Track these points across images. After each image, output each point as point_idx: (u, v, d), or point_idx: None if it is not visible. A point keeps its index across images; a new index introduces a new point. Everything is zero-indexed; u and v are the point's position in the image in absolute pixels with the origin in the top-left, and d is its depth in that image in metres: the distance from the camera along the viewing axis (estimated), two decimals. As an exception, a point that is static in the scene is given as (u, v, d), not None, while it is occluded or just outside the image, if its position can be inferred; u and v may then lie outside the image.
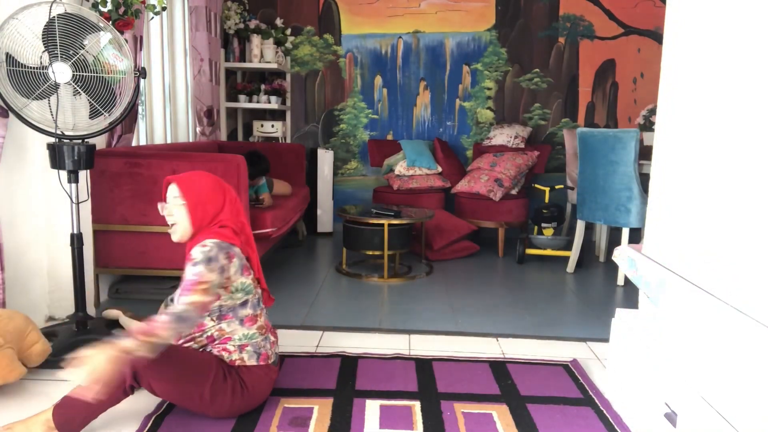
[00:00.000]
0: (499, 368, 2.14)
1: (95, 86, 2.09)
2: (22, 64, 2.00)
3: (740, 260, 1.74)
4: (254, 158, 2.82)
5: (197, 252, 1.61)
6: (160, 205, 1.77)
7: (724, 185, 2.15)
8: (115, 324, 2.45)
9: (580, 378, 2.07)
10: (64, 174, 2.25)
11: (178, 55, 4.10)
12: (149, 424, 1.66)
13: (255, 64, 4.73)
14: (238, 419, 1.71)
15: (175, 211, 1.73)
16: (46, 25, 2.00)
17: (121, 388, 1.57)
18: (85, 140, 2.17)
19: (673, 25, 2.28)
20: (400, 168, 4.63)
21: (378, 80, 5.07)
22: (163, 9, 2.77)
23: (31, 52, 2.02)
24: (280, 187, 3.85)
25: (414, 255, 4.08)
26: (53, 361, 1.99)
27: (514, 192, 4.40)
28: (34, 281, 2.52)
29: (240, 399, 1.68)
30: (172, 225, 1.75)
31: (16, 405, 1.80)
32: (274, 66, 4.70)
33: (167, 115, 4.00)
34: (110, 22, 2.46)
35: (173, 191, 1.74)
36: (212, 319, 1.71)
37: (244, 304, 1.73)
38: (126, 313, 2.35)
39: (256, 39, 4.73)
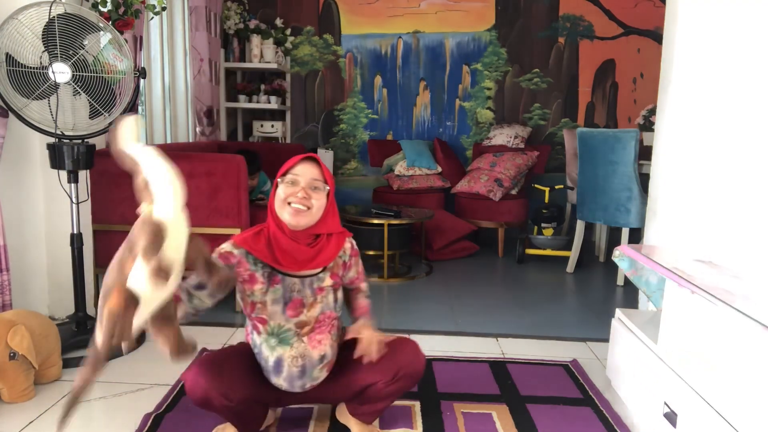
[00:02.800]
0: (499, 368, 2.14)
1: (95, 86, 2.09)
2: (22, 64, 2.00)
3: (740, 260, 1.74)
4: (245, 156, 2.83)
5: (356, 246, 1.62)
6: (286, 187, 1.45)
7: (723, 185, 2.15)
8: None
9: (579, 378, 2.07)
10: (64, 174, 2.25)
11: (178, 55, 4.10)
12: (149, 423, 1.66)
13: (255, 64, 4.73)
14: (238, 419, 1.71)
15: (315, 196, 1.46)
16: (46, 25, 2.00)
17: None
18: (85, 140, 2.17)
19: (672, 25, 2.28)
20: (400, 168, 4.63)
21: (378, 80, 5.07)
22: (163, 9, 2.77)
23: (31, 52, 2.02)
24: None
25: (414, 255, 4.08)
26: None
27: (513, 192, 4.40)
28: (34, 281, 2.52)
29: None
30: (305, 210, 1.44)
31: (16, 405, 1.80)
32: (274, 66, 4.71)
33: (167, 115, 4.00)
34: (110, 22, 2.46)
35: (313, 172, 1.47)
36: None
37: None
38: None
39: (256, 39, 4.73)
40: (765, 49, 2.02)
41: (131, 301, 1.02)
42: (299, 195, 1.44)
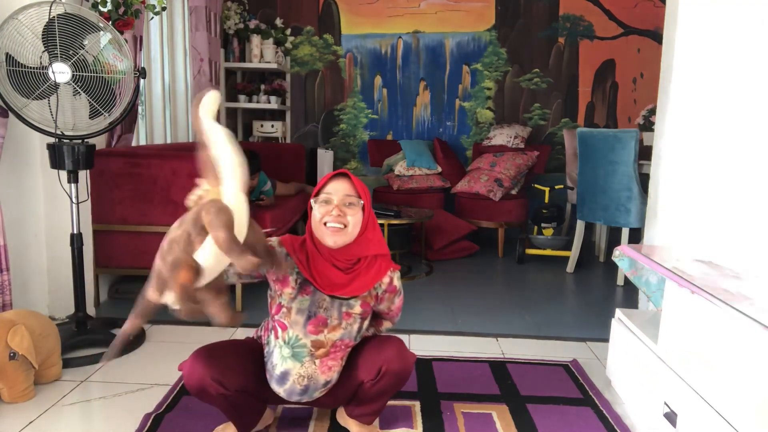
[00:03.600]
0: (499, 368, 2.14)
1: (95, 86, 2.09)
2: (22, 64, 2.00)
3: (740, 260, 1.74)
4: (246, 156, 2.83)
5: (399, 282, 1.58)
6: (320, 207, 1.44)
7: (723, 185, 2.15)
8: (113, 323, 2.45)
9: (579, 378, 2.07)
10: (63, 174, 2.25)
11: (177, 55, 4.10)
12: (149, 423, 1.66)
13: (255, 64, 4.73)
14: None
15: (350, 212, 1.44)
16: (46, 25, 2.00)
17: None
18: (85, 140, 2.17)
19: (672, 25, 2.28)
20: (400, 168, 4.63)
21: (378, 80, 5.07)
22: (163, 9, 2.77)
23: (31, 52, 2.02)
24: (283, 189, 3.84)
25: (414, 255, 4.07)
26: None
27: (513, 192, 4.40)
28: (34, 281, 2.52)
29: None
30: (342, 228, 1.42)
31: (16, 405, 1.80)
32: (274, 66, 4.71)
33: (167, 115, 3.99)
34: (110, 22, 2.46)
35: (345, 188, 1.45)
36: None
37: None
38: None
39: (255, 39, 4.73)
40: (765, 49, 2.02)
41: (198, 274, 1.12)
42: (334, 213, 1.42)
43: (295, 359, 1.46)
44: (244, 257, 1.06)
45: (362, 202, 1.46)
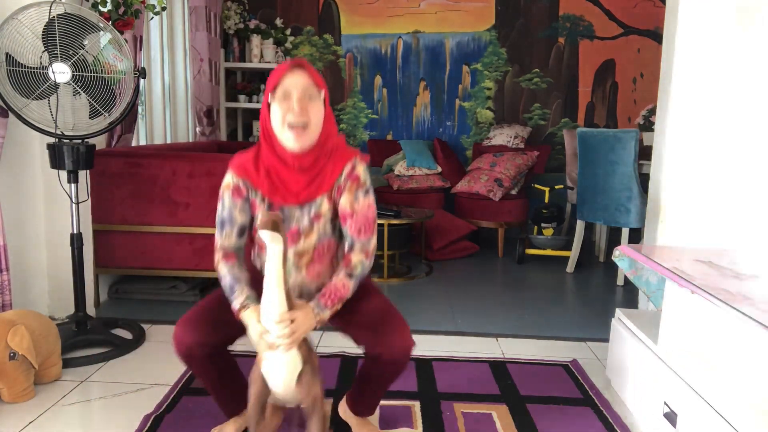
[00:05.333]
0: (499, 368, 2.14)
1: (95, 86, 2.09)
2: (22, 64, 2.00)
3: (740, 260, 1.74)
4: None
5: (365, 174, 1.42)
6: (282, 107, 1.35)
7: (723, 185, 2.15)
8: (113, 323, 2.45)
9: (579, 378, 2.07)
10: (63, 174, 2.25)
11: (177, 55, 4.10)
12: (149, 424, 1.66)
13: (255, 64, 4.73)
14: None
15: (312, 107, 1.35)
16: (46, 25, 2.00)
17: None
18: (85, 140, 2.17)
19: (672, 25, 2.28)
20: (400, 168, 4.63)
21: (378, 80, 5.07)
22: (163, 9, 2.77)
23: (31, 52, 2.02)
24: None
25: (414, 255, 4.07)
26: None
27: (513, 192, 4.40)
28: (34, 281, 2.52)
29: None
30: (303, 127, 1.34)
31: (16, 405, 1.80)
32: (274, 66, 4.70)
33: (167, 115, 4.00)
34: (110, 22, 2.46)
35: (304, 81, 1.35)
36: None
37: None
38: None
39: (255, 39, 4.73)
40: (765, 49, 2.03)
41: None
42: (296, 109, 1.34)
43: None
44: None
45: (323, 92, 1.39)
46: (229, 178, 1.45)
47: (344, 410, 1.66)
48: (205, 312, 1.46)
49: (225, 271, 1.42)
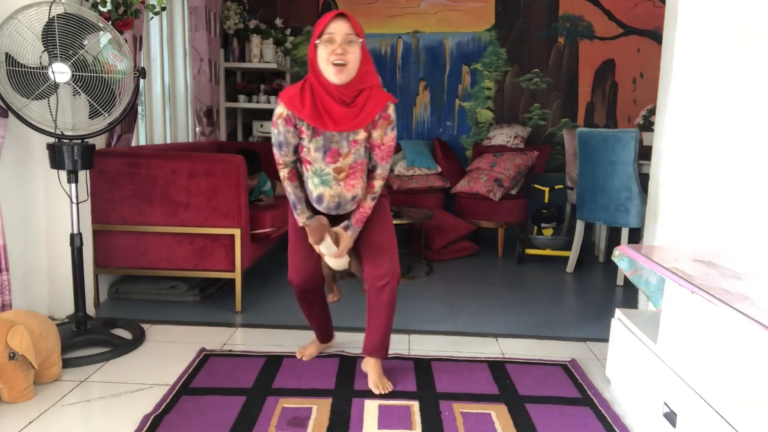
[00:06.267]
0: (498, 368, 2.14)
1: (95, 86, 2.09)
2: (21, 64, 2.00)
3: (740, 260, 1.74)
4: (246, 156, 2.83)
5: (394, 114, 1.79)
6: (327, 48, 1.67)
7: (723, 185, 2.15)
8: (113, 323, 2.45)
9: (578, 378, 2.07)
10: (63, 174, 2.25)
11: (177, 55, 4.10)
12: (148, 424, 1.66)
13: (254, 64, 4.73)
14: (237, 418, 1.71)
15: (351, 50, 1.67)
16: (45, 25, 2.00)
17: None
18: (85, 140, 2.17)
19: (672, 25, 2.28)
20: (400, 168, 4.63)
21: (378, 80, 5.07)
22: (163, 9, 2.77)
23: (31, 52, 2.02)
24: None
25: (414, 255, 4.08)
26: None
27: (513, 192, 4.40)
28: (34, 281, 2.53)
29: None
30: (343, 65, 1.67)
31: (16, 405, 1.80)
32: (274, 66, 4.70)
33: (167, 115, 4.00)
34: (110, 22, 2.46)
35: (346, 28, 1.67)
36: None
37: None
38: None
39: (255, 39, 4.73)
40: (764, 49, 2.03)
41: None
42: (338, 51, 1.66)
43: (324, 185, 1.83)
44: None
45: (360, 39, 1.70)
46: (281, 109, 1.76)
47: (364, 363, 2.04)
48: (299, 256, 1.99)
49: (290, 190, 1.89)
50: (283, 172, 1.88)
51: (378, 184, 1.88)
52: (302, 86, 1.74)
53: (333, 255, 1.88)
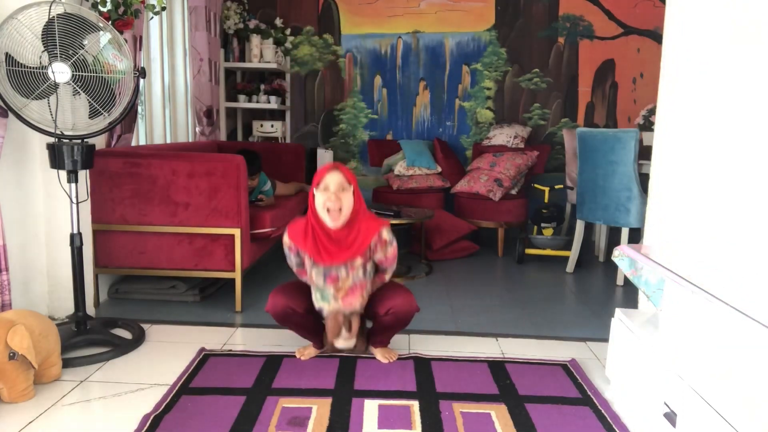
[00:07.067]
0: (498, 368, 2.14)
1: (95, 86, 2.09)
2: (21, 64, 2.00)
3: (739, 260, 1.74)
4: (246, 156, 2.84)
5: (388, 234, 2.07)
6: (323, 196, 1.97)
7: (724, 185, 2.15)
8: (113, 323, 2.45)
9: (578, 377, 2.07)
10: (63, 174, 2.25)
11: (177, 55, 4.10)
12: (148, 424, 1.66)
13: (254, 64, 4.73)
14: (237, 418, 1.71)
15: (344, 196, 1.97)
16: (45, 25, 2.00)
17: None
18: (85, 140, 2.17)
19: (672, 25, 2.29)
20: (400, 168, 4.63)
21: (378, 80, 5.07)
22: (163, 9, 2.77)
23: (31, 51, 2.02)
24: (282, 189, 3.84)
25: (414, 255, 4.08)
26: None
27: (513, 192, 4.40)
28: (34, 281, 2.53)
29: None
30: (338, 210, 1.96)
31: (16, 405, 1.80)
32: (274, 66, 4.70)
33: (167, 115, 4.00)
34: (110, 22, 2.46)
35: (339, 178, 1.98)
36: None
37: None
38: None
39: (255, 39, 4.73)
40: (764, 49, 2.03)
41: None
42: (333, 198, 1.96)
43: (324, 300, 2.04)
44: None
45: (352, 186, 2.02)
46: (286, 238, 2.12)
47: (371, 349, 2.24)
48: (293, 284, 2.19)
49: (305, 280, 2.17)
50: (295, 271, 2.22)
51: (387, 276, 2.19)
52: (305, 224, 2.05)
53: (346, 339, 2.08)
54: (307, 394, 1.89)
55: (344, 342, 2.08)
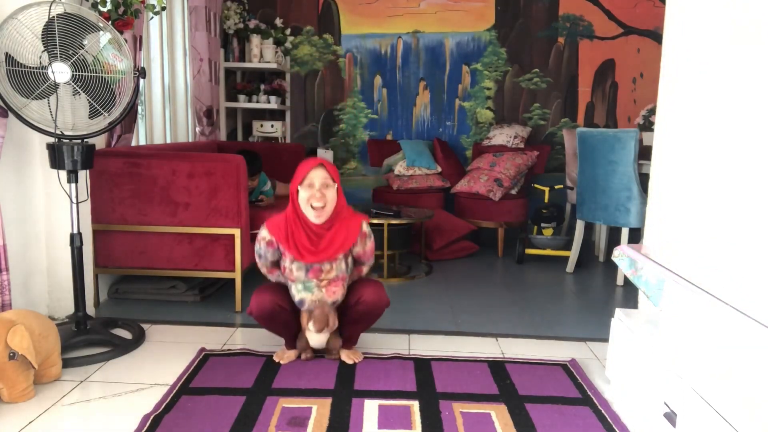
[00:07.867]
0: (498, 368, 2.14)
1: (95, 86, 2.09)
2: (21, 64, 2.00)
3: (739, 260, 1.74)
4: (247, 157, 2.83)
5: (367, 228, 2.10)
6: (307, 192, 1.97)
7: (723, 185, 2.15)
8: (113, 323, 2.45)
9: (578, 377, 2.07)
10: (63, 174, 2.25)
11: (177, 55, 4.10)
12: (148, 424, 1.66)
13: (254, 64, 4.73)
14: (237, 418, 1.71)
15: (328, 192, 1.98)
16: (45, 25, 2.00)
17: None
18: (85, 140, 2.17)
19: (672, 25, 2.29)
20: (400, 168, 4.63)
21: (378, 80, 5.07)
22: (163, 9, 2.77)
23: (31, 51, 2.02)
24: (282, 189, 3.84)
25: (414, 255, 4.08)
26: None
27: (513, 192, 4.40)
28: (34, 281, 2.53)
29: None
30: (323, 207, 1.97)
31: (16, 405, 1.80)
32: (274, 66, 4.70)
33: (167, 115, 4.00)
34: (110, 22, 2.46)
35: (323, 175, 1.98)
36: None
37: None
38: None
39: (255, 39, 4.73)
40: (764, 49, 2.02)
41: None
42: (317, 195, 1.96)
43: (307, 291, 2.05)
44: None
45: (336, 184, 2.01)
46: (265, 233, 2.07)
47: (341, 353, 2.21)
48: (273, 284, 2.18)
49: (274, 279, 2.19)
50: (264, 270, 2.18)
51: (365, 269, 2.22)
52: (285, 219, 2.04)
53: (326, 332, 2.04)
54: (307, 394, 1.89)
55: (325, 334, 2.04)
